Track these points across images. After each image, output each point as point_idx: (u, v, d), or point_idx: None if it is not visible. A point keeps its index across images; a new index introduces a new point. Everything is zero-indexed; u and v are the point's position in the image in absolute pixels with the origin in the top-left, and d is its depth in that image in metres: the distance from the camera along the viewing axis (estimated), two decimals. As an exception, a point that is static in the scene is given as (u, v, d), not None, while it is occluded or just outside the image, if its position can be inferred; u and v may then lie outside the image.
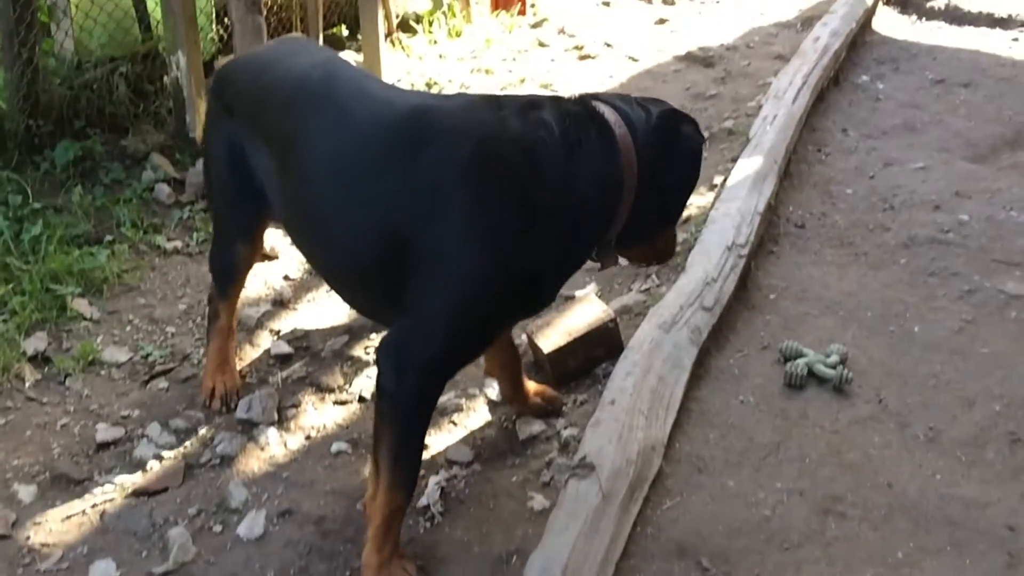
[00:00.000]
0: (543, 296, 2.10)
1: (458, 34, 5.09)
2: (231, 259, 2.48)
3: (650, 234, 2.17)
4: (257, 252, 2.54)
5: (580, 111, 2.00)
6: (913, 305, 3.14)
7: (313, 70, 2.22)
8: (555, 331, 2.74)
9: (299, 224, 2.23)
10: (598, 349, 2.75)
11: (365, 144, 2.00)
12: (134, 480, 2.36)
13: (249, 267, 2.57)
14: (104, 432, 2.48)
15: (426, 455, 2.48)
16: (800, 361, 2.80)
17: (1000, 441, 2.55)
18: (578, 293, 3.11)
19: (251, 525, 2.24)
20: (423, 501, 2.34)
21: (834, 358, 2.82)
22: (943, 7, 5.82)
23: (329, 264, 2.21)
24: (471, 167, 1.88)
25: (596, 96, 2.11)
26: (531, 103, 2.00)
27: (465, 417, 2.59)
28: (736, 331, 3.01)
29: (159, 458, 2.43)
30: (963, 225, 3.57)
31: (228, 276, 2.52)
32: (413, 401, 1.98)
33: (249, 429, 2.52)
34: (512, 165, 1.88)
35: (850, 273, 3.34)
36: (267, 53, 2.47)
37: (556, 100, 2.06)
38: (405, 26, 5.06)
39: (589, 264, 3.27)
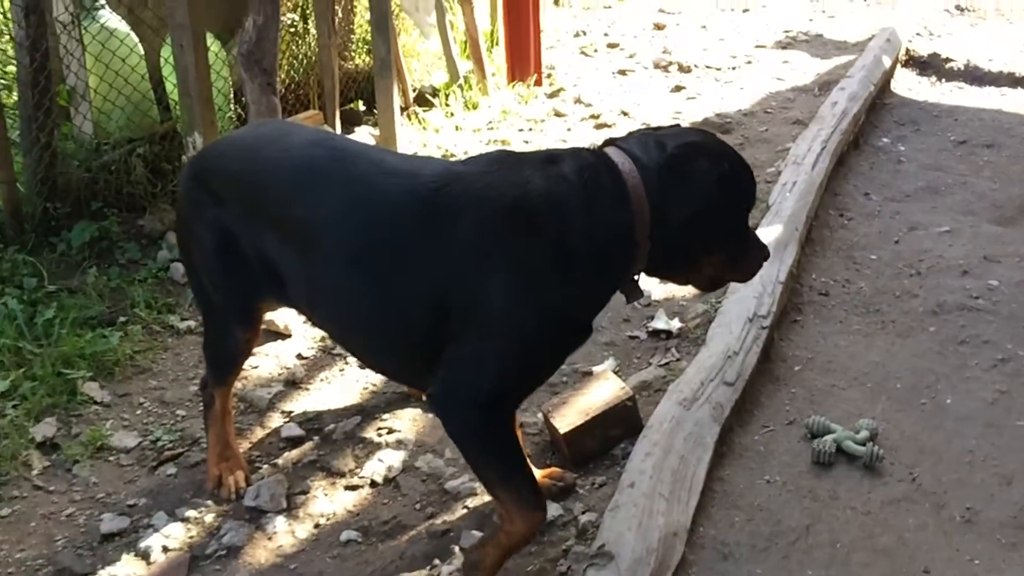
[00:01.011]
0: (580, 331, 2.17)
1: (475, 106, 5.12)
2: (230, 348, 2.43)
3: (689, 263, 2.21)
4: (256, 337, 2.49)
5: (595, 162, 2.10)
6: (944, 376, 3.03)
7: (314, 148, 2.21)
8: (571, 410, 2.66)
9: (327, 304, 2.21)
10: (616, 428, 2.67)
11: (398, 216, 2.07)
12: (138, 574, 2.29)
13: (248, 354, 2.53)
14: (109, 522, 2.42)
15: (437, 541, 2.39)
16: (828, 438, 2.70)
17: (1043, 522, 2.42)
18: (595, 369, 3.04)
19: (256, 623, 2.15)
20: (434, 591, 2.25)
21: (863, 434, 2.71)
22: (962, 67, 5.79)
23: (367, 338, 2.23)
24: (508, 229, 2.03)
25: (614, 141, 2.18)
26: (549, 158, 2.12)
27: (479, 501, 2.50)
28: (760, 406, 2.91)
29: (165, 549, 2.35)
30: (992, 291, 3.47)
31: (227, 365, 2.48)
32: (485, 432, 2.08)
33: (257, 517, 2.45)
34: (543, 221, 2.03)
35: (877, 342, 3.24)
36: (249, 137, 2.42)
37: (574, 153, 2.16)
38: (422, 100, 5.10)
39: (607, 337, 3.25)
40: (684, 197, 2.06)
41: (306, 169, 2.17)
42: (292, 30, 4.44)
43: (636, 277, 2.19)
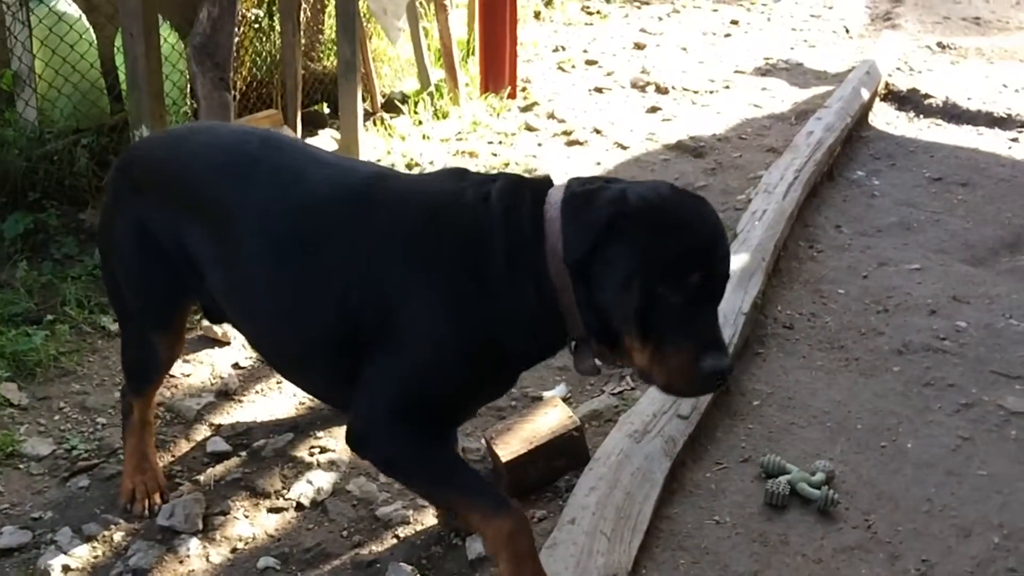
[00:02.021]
0: (505, 367, 1.98)
1: (444, 115, 4.99)
2: (148, 356, 2.25)
3: (616, 339, 1.81)
4: (180, 344, 2.33)
5: (531, 191, 1.90)
6: (907, 418, 2.92)
7: (248, 136, 2.10)
8: (515, 437, 2.52)
9: (242, 300, 2.06)
10: (561, 459, 2.53)
11: (322, 207, 1.95)
12: (33, 596, 2.12)
13: (171, 363, 2.36)
14: (9, 536, 2.24)
15: (362, 572, 2.24)
16: (783, 479, 2.57)
17: (1000, 579, 2.30)
18: (546, 394, 2.90)
19: (155, 654, 1.99)
20: (355, 627, 2.10)
21: (819, 476, 2.59)
22: (941, 104, 5.73)
23: (278, 343, 2.06)
24: (428, 229, 1.90)
25: (578, 178, 1.94)
26: (491, 178, 1.98)
27: (410, 531, 2.35)
28: (715, 441, 2.79)
29: (66, 569, 2.18)
30: (960, 332, 3.38)
31: (145, 375, 2.30)
32: (403, 454, 1.92)
33: (170, 538, 2.29)
34: (462, 231, 1.88)
35: (840, 380, 3.13)
36: (184, 130, 2.35)
37: (518, 179, 1.99)
38: (391, 106, 4.96)
39: (561, 361, 3.11)
40: (568, 239, 1.76)
41: (233, 153, 2.04)
42: (256, 26, 4.29)
43: (575, 340, 1.90)
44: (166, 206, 2.09)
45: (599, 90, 5.84)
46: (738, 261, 3.60)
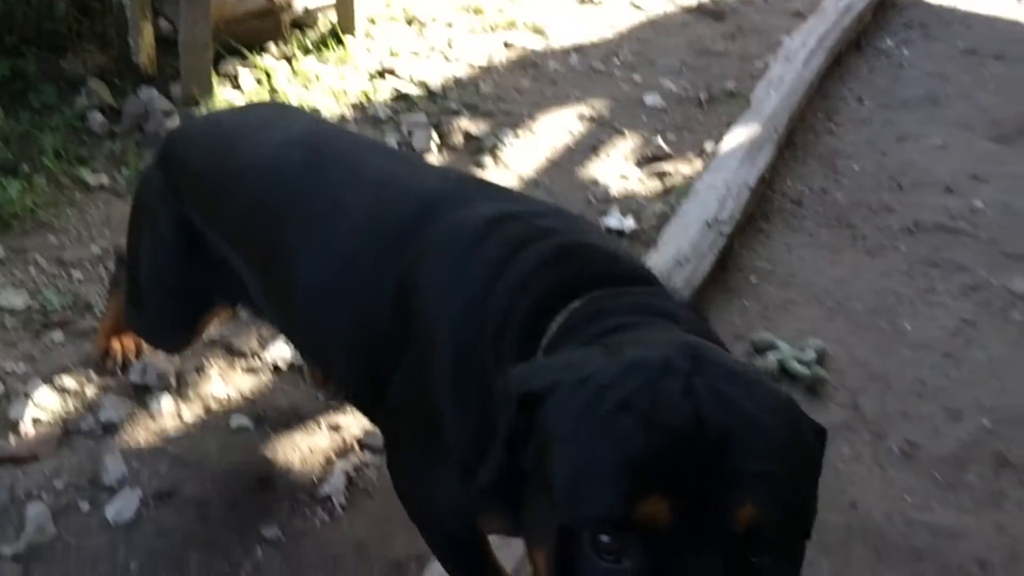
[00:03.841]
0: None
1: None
2: (164, 343, 2.13)
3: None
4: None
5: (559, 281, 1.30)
6: (908, 299, 2.82)
7: (290, 151, 1.70)
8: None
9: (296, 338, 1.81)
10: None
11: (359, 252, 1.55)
12: (2, 446, 2.11)
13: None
14: (-20, 387, 2.23)
15: (334, 434, 2.22)
16: (771, 356, 2.51)
17: (983, 462, 2.25)
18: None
19: (122, 507, 1.98)
20: (325, 490, 2.08)
21: (810, 354, 2.52)
22: (984, -30, 5.36)
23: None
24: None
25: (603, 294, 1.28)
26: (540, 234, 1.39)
27: (386, 396, 2.32)
28: (710, 318, 2.70)
29: (36, 421, 2.17)
30: (975, 212, 3.23)
31: (162, 345, 2.17)
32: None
33: (142, 394, 2.26)
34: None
35: (844, 258, 3.02)
36: (230, 124, 1.89)
37: (554, 249, 1.36)
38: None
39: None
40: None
41: (273, 183, 1.68)
42: None
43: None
44: (205, 223, 1.80)
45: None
46: (748, 132, 3.43)
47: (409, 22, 4.22)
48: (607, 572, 0.94)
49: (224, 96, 3.38)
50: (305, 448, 2.19)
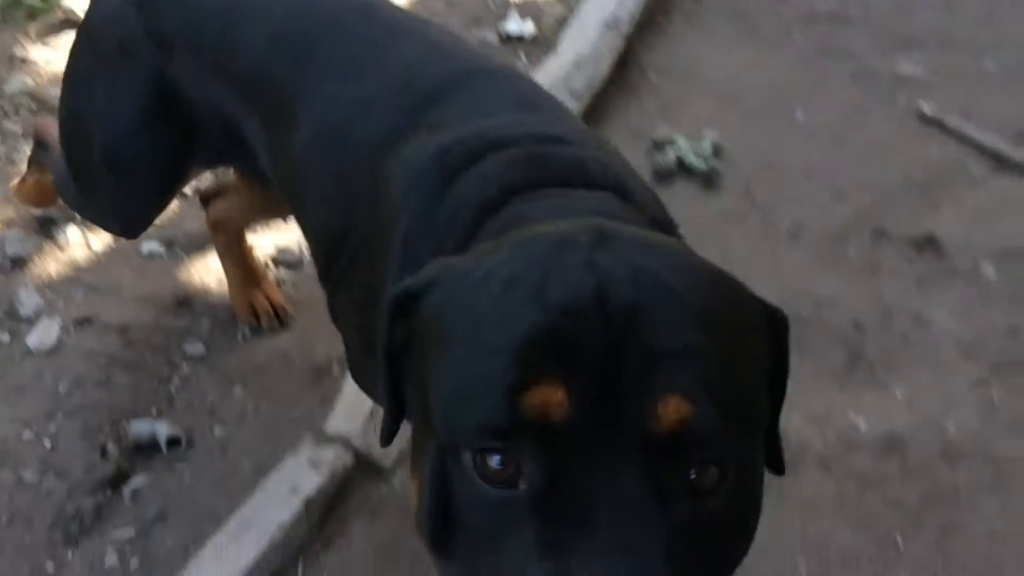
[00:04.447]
0: None
1: None
2: (120, 226, 1.85)
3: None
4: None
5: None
6: (801, 88, 2.91)
7: None
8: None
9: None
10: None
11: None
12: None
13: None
14: None
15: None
16: (670, 152, 2.60)
17: (863, 236, 2.42)
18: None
19: (43, 335, 2.03)
20: (246, 305, 2.15)
21: (707, 147, 2.62)
22: None
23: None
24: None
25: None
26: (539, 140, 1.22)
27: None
28: (608, 117, 2.77)
29: (-61, 261, 2.17)
30: (867, 1, 3.28)
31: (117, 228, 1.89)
32: None
33: (47, 227, 2.26)
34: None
35: (740, 52, 3.06)
36: None
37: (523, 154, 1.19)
38: None
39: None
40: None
41: (311, 14, 1.46)
42: None
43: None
44: (201, 75, 1.52)
45: None
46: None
47: None
48: (497, 502, 0.74)
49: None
50: (219, 269, 2.23)
